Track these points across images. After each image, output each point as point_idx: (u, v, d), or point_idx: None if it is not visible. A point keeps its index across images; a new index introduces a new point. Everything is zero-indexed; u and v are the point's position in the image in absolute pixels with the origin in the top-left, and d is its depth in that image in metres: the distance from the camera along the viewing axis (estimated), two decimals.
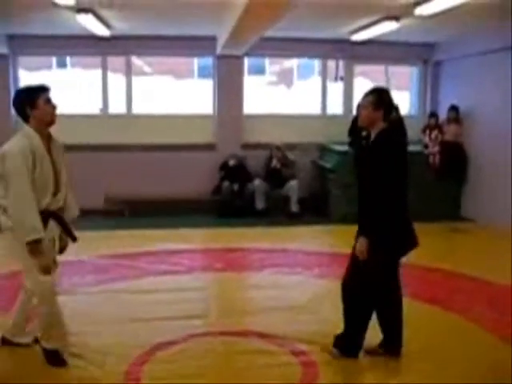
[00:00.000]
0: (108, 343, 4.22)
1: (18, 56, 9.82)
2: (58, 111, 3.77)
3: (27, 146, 3.54)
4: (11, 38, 9.42)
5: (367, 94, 3.80)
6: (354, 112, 9.64)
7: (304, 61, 18.11)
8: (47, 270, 3.62)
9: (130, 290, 5.60)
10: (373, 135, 3.82)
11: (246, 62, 10.38)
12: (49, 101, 3.69)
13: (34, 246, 3.52)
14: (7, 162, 3.53)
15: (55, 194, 3.76)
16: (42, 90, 3.69)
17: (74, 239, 3.95)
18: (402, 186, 3.72)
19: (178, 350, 4.19)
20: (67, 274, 5.62)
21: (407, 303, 4.19)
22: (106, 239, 7.64)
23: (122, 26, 8.47)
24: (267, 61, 18.69)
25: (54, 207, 3.76)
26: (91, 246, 6.89)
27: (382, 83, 17.01)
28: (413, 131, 9.44)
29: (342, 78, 11.00)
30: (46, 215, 3.68)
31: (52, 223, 3.76)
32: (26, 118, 3.67)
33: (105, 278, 5.92)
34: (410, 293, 4.71)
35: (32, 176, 3.56)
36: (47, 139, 3.76)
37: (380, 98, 3.77)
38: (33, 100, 3.62)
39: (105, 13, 7.49)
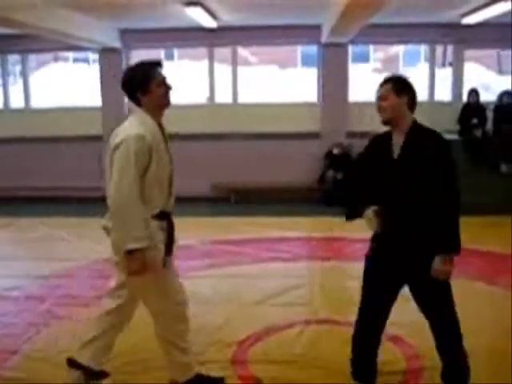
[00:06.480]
0: (216, 325, 4.37)
1: (131, 50, 10.26)
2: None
3: (143, 135, 2.97)
4: (123, 33, 9.88)
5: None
6: (465, 99, 9.35)
7: (410, 47, 17.64)
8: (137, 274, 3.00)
9: (236, 275, 5.75)
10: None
11: (350, 49, 10.26)
12: (163, 82, 3.13)
13: (133, 256, 2.93)
14: (118, 150, 2.95)
15: (169, 194, 3.19)
16: (155, 69, 3.12)
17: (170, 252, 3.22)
18: None
19: (281, 335, 4.28)
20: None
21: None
22: (212, 225, 7.86)
23: (229, 17, 8.63)
24: (371, 48, 18.38)
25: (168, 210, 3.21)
26: (198, 232, 7.12)
27: (493, 68, 16.31)
28: None
29: (450, 64, 10.63)
30: (163, 216, 3.14)
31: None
32: (137, 103, 3.12)
33: (212, 263, 6.10)
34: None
35: (146, 172, 2.99)
36: (160, 127, 3.17)
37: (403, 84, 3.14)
38: (145, 85, 3.06)
39: (212, 5, 7.67)
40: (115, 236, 3.00)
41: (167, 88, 3.15)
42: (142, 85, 3.07)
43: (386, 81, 3.13)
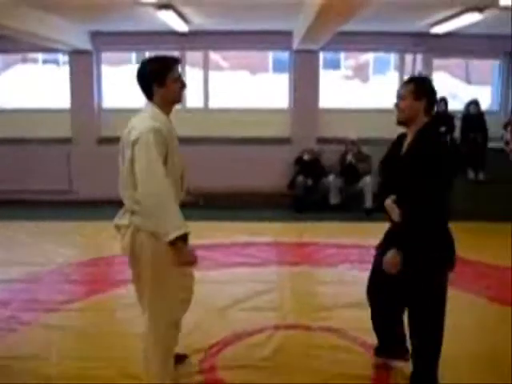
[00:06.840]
0: (185, 331, 4.32)
1: (101, 52, 10.18)
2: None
3: (159, 128, 2.98)
4: (95, 35, 9.80)
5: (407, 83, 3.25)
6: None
7: (380, 55, 17.84)
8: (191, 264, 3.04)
9: (204, 280, 5.65)
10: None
11: (322, 56, 10.33)
12: (178, 78, 3.15)
13: (177, 245, 2.87)
14: (138, 144, 2.91)
15: (180, 191, 3.29)
16: (173, 64, 3.14)
17: None
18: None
19: (250, 340, 4.26)
20: None
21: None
22: None
23: (200, 21, 8.62)
24: (342, 55, 18.54)
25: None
26: None
27: (462, 77, 16.59)
28: (494, 127, 9.19)
29: (419, 73, 10.77)
30: None
31: None
32: (149, 96, 3.13)
33: None
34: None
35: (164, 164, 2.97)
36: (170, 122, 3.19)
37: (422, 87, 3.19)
38: (162, 78, 3.07)
39: (184, 9, 7.65)
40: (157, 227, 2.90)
41: (182, 85, 3.18)
42: (158, 77, 3.07)
43: (409, 81, 3.19)
